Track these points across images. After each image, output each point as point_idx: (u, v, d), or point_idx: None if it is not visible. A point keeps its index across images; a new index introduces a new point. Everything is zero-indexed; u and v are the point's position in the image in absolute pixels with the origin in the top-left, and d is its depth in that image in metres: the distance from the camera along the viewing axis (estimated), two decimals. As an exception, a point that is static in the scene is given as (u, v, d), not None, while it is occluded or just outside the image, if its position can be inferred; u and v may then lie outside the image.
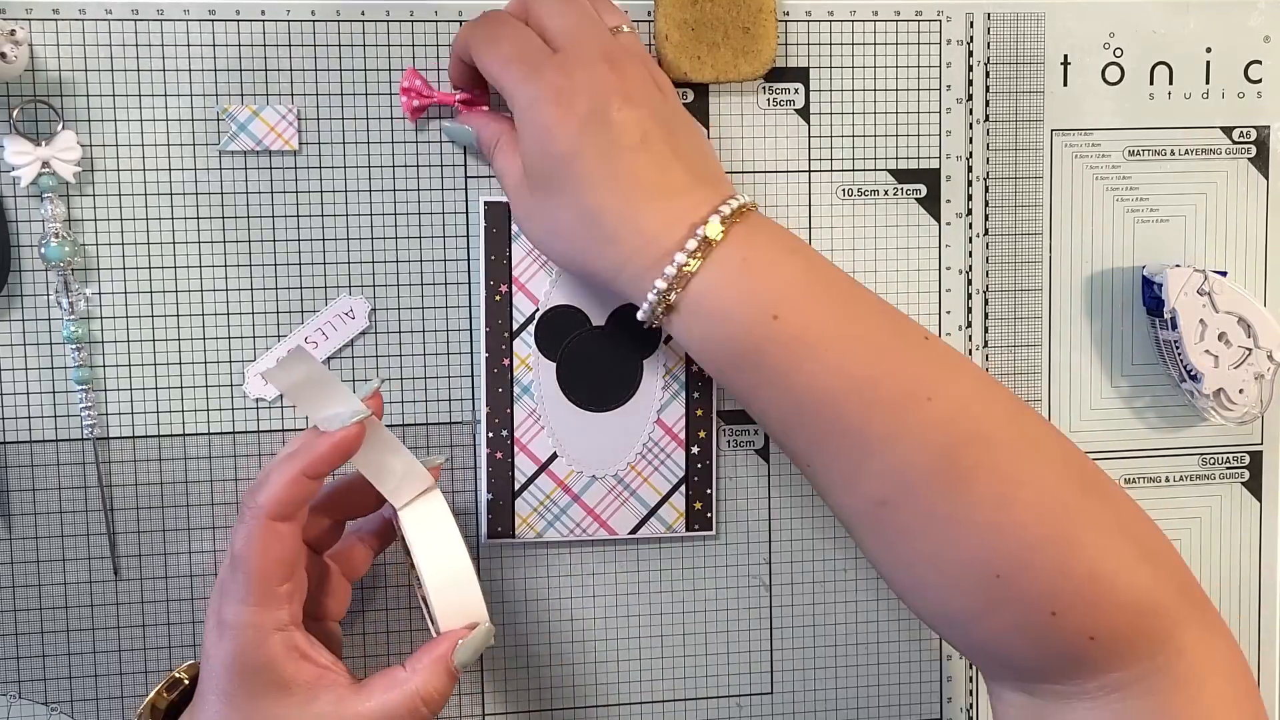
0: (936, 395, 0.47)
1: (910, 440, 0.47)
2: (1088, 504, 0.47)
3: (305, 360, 0.48)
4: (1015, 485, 0.46)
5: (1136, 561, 0.46)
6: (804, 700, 0.63)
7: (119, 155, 0.56)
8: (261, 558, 0.48)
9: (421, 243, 0.59)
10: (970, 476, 0.46)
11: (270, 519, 0.48)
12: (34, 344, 0.56)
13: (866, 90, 0.61)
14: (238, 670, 0.48)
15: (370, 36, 0.57)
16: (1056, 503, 0.46)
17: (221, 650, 0.48)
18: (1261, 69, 0.64)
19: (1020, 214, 0.63)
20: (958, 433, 0.47)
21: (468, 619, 0.51)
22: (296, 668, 0.48)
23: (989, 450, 0.47)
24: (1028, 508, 0.46)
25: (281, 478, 0.48)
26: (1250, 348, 0.62)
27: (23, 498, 0.57)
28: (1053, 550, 0.45)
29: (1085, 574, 0.45)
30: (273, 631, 0.48)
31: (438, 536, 0.51)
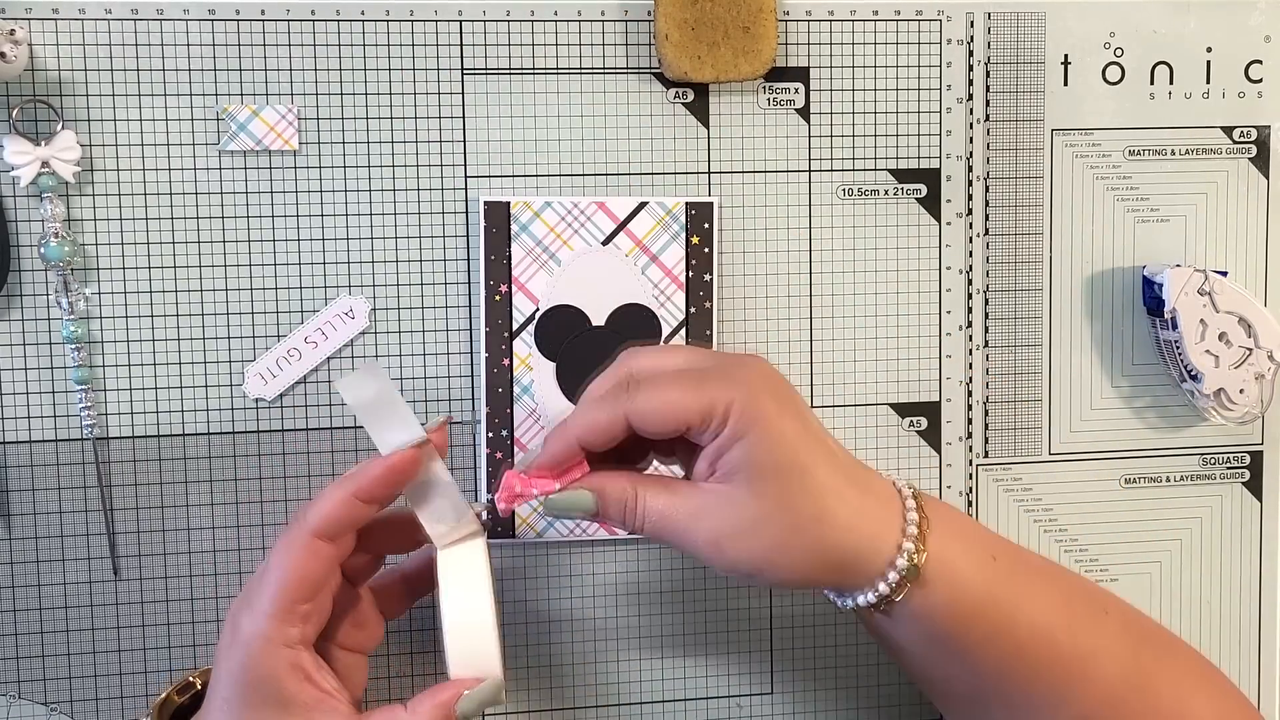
0: (1109, 606, 0.53)
1: (1105, 653, 0.51)
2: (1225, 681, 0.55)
3: (378, 377, 0.48)
4: (1186, 675, 0.53)
5: None
6: (804, 700, 0.63)
7: (119, 155, 0.56)
8: (292, 572, 0.47)
9: (421, 243, 0.59)
10: (1150, 675, 0.51)
11: (314, 535, 0.48)
12: (34, 344, 0.56)
13: (866, 90, 0.61)
14: (241, 680, 0.47)
15: (370, 36, 0.57)
16: (1214, 689, 0.53)
17: (231, 657, 0.48)
18: (1262, 69, 0.64)
19: (1020, 214, 0.63)
20: (1134, 636, 0.52)
21: (479, 671, 0.49)
22: (299, 688, 0.47)
23: (1153, 646, 0.52)
24: (1200, 695, 0.52)
25: (333, 497, 0.48)
26: (1251, 348, 0.62)
27: (23, 498, 0.57)
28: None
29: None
30: (281, 647, 0.47)
31: (468, 582, 0.50)
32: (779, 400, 0.48)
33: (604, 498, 0.49)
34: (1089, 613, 0.52)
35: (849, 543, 0.48)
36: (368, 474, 0.48)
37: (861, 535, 0.48)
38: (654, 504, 0.48)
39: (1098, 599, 0.53)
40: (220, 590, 0.58)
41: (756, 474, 0.47)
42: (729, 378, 0.48)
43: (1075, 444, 0.64)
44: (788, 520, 0.47)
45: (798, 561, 0.48)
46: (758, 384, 0.48)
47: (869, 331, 0.62)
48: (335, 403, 0.58)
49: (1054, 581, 0.52)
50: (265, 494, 0.58)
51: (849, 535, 0.48)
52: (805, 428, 0.48)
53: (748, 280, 0.61)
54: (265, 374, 0.58)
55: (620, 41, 0.59)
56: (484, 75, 0.58)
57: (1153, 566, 0.65)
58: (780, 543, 0.47)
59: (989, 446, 0.64)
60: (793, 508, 0.47)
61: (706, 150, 0.60)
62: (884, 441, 0.63)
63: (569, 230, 0.59)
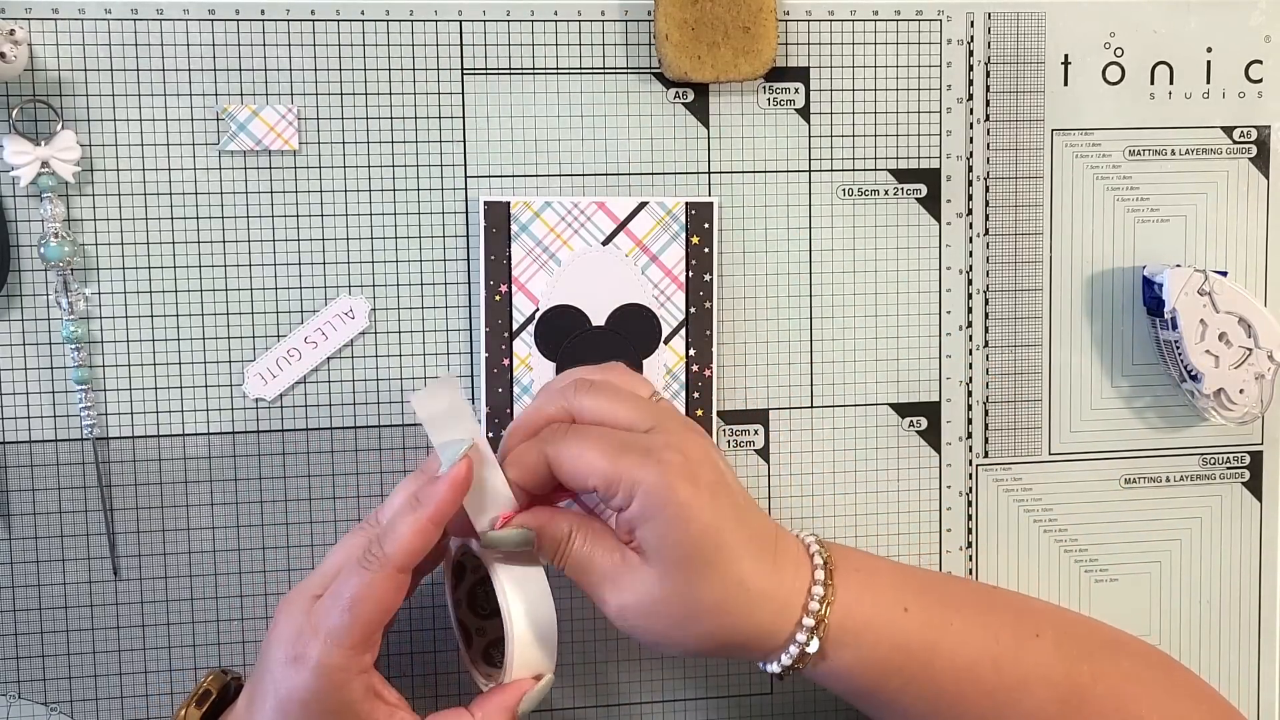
0: (1040, 628, 0.53)
1: (1036, 678, 0.51)
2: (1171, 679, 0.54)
3: (451, 389, 0.48)
4: (1129, 682, 0.52)
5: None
6: (804, 700, 0.63)
7: (118, 155, 0.56)
8: (377, 607, 0.47)
9: (421, 243, 0.59)
10: (1090, 691, 0.51)
11: (397, 569, 0.47)
12: (34, 344, 0.56)
13: (866, 90, 0.61)
14: (314, 707, 0.47)
15: (370, 36, 0.57)
16: (1159, 689, 0.53)
17: (298, 683, 0.47)
18: (1262, 69, 0.64)
19: (1020, 214, 0.63)
20: (1070, 654, 0.52)
21: (537, 669, 0.51)
22: (371, 707, 0.48)
23: (1096, 659, 0.52)
24: (1146, 699, 0.52)
25: (410, 528, 0.47)
26: (1250, 348, 0.62)
27: (23, 498, 0.57)
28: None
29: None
30: (357, 674, 0.47)
31: (531, 588, 0.50)
32: (694, 482, 0.48)
33: (541, 536, 0.50)
34: (1017, 641, 0.52)
35: (749, 626, 0.49)
36: (436, 498, 0.48)
37: (765, 614, 0.49)
38: (578, 555, 0.49)
39: (1028, 623, 0.53)
40: (220, 590, 0.58)
41: (661, 558, 0.48)
42: (648, 454, 0.48)
43: (1075, 444, 0.64)
44: (688, 608, 0.48)
45: (693, 642, 0.49)
46: (676, 465, 0.48)
47: (869, 331, 0.62)
48: (335, 403, 0.58)
49: (978, 616, 0.52)
50: (265, 494, 0.58)
51: (749, 620, 0.49)
52: (716, 510, 0.48)
53: (748, 280, 0.61)
54: (265, 374, 0.58)
55: (620, 41, 0.59)
56: (484, 75, 0.58)
57: (1153, 566, 0.65)
58: (678, 625, 0.48)
59: (989, 446, 0.64)
60: (694, 597, 0.48)
61: (706, 150, 0.60)
62: (884, 441, 0.63)
63: (569, 230, 0.59)
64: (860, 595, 0.50)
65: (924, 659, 0.50)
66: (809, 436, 0.62)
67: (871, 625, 0.50)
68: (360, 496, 0.59)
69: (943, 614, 0.51)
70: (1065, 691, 0.51)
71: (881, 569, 0.53)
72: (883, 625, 0.50)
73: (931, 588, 0.53)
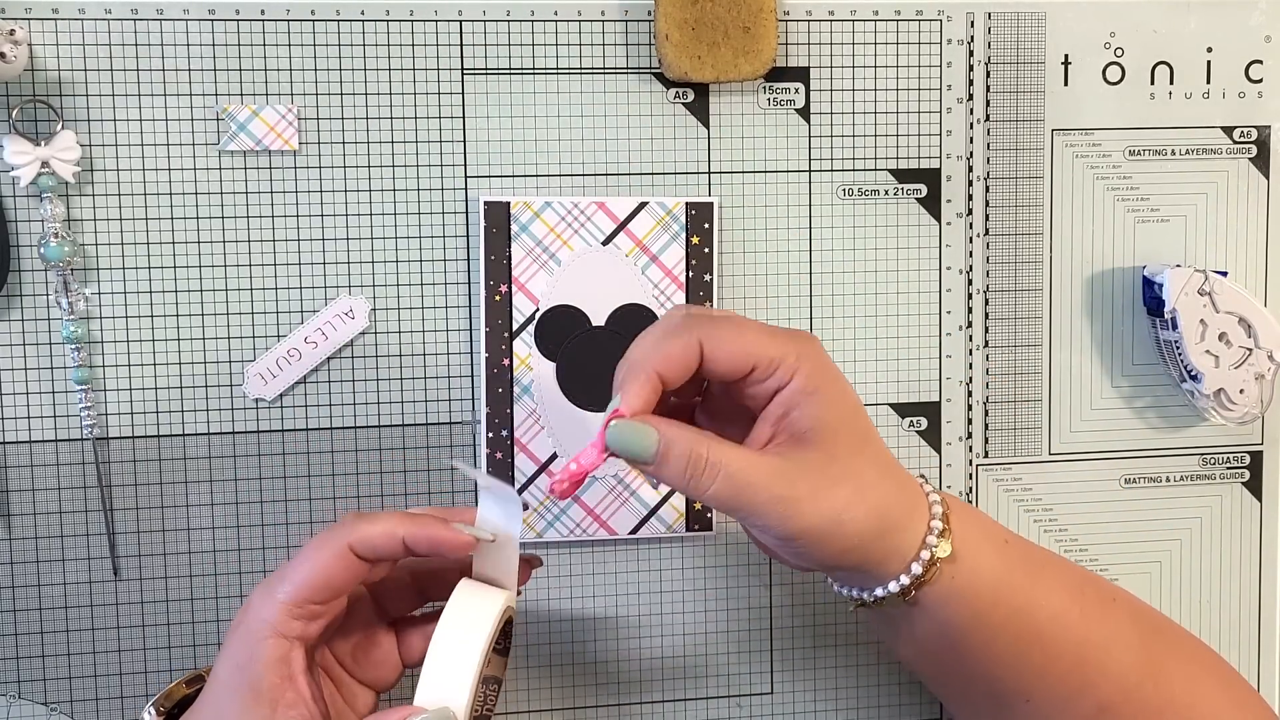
0: (1117, 596, 0.53)
1: (1118, 641, 0.51)
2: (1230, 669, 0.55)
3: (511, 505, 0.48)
4: (1194, 663, 0.53)
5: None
6: (804, 700, 0.63)
7: (118, 155, 0.56)
8: (316, 570, 0.46)
9: (421, 243, 0.59)
10: (1161, 664, 0.52)
11: (349, 546, 0.47)
12: (34, 344, 0.56)
13: (866, 90, 0.61)
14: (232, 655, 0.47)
15: (370, 36, 0.57)
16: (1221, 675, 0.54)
17: (233, 631, 0.47)
18: (1262, 69, 0.64)
19: (1020, 214, 0.63)
20: (1143, 626, 0.53)
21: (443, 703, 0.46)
22: (276, 681, 0.46)
23: (1163, 637, 0.53)
24: (1209, 682, 0.53)
25: (383, 523, 0.47)
26: (1250, 348, 0.62)
27: (23, 498, 0.57)
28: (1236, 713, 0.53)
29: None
30: (278, 636, 0.46)
31: (472, 620, 0.48)
32: (838, 372, 0.49)
33: (670, 446, 0.45)
34: (1099, 601, 0.52)
35: (896, 513, 0.48)
36: (425, 529, 0.47)
37: (903, 507, 0.49)
38: (729, 461, 0.46)
39: (1105, 589, 0.53)
40: (220, 590, 0.58)
41: (829, 433, 0.47)
42: (797, 339, 0.48)
43: (1075, 444, 0.64)
44: (855, 483, 0.47)
45: (862, 523, 0.47)
46: (823, 353, 0.48)
47: (869, 331, 0.62)
48: (335, 403, 0.58)
49: (1063, 570, 0.53)
50: (265, 494, 0.58)
51: (897, 506, 0.48)
52: (858, 402, 0.49)
53: (748, 280, 0.61)
54: (265, 374, 0.58)
55: (620, 41, 0.59)
56: (484, 75, 0.58)
57: (1153, 566, 0.65)
58: (851, 501, 0.47)
59: (989, 446, 0.64)
60: (859, 471, 0.47)
61: (706, 150, 0.60)
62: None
63: (569, 230, 0.59)
64: (966, 517, 0.51)
65: (1024, 594, 0.50)
66: (809, 436, 0.62)
67: (981, 549, 0.50)
68: (360, 496, 0.59)
69: (1035, 558, 0.52)
70: (1143, 660, 0.51)
71: (973, 507, 0.53)
72: (993, 552, 0.50)
73: (1017, 537, 0.53)
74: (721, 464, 0.45)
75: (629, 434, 0.45)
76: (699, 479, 0.45)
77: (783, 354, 0.47)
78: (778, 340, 0.47)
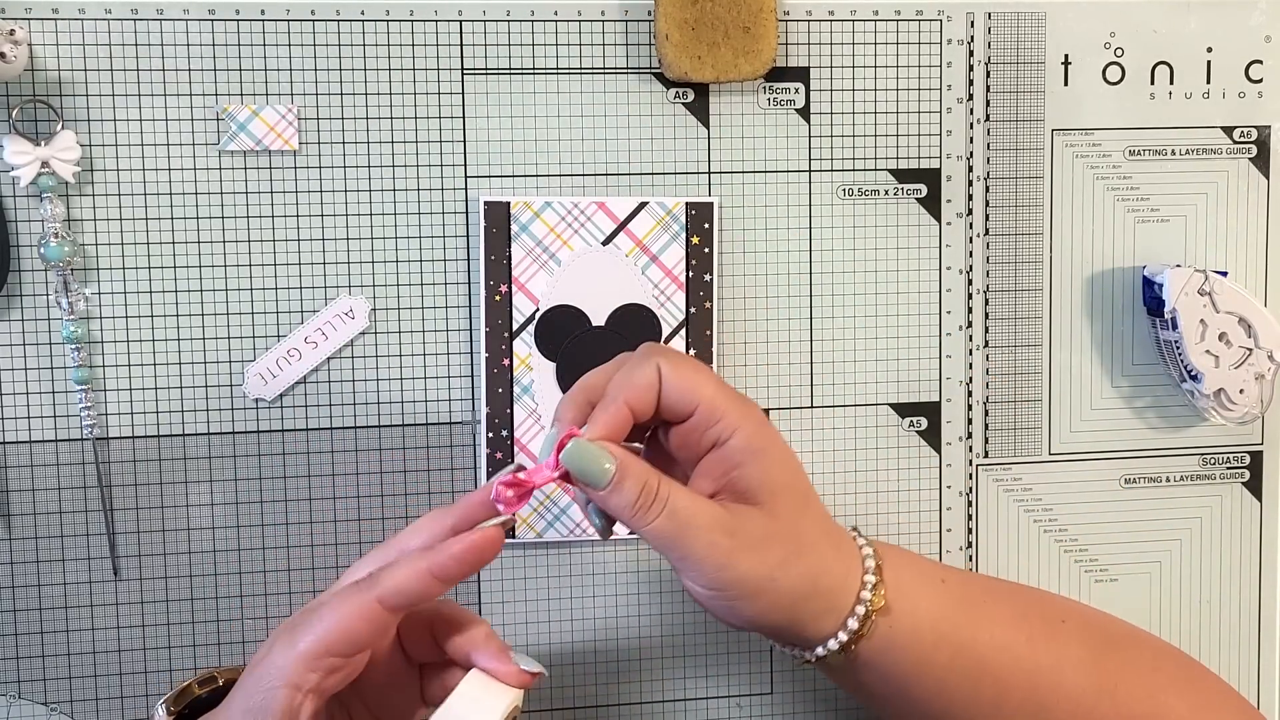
0: (1066, 615, 0.53)
1: (1069, 661, 0.51)
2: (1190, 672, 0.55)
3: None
4: (1155, 672, 0.53)
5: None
6: (804, 700, 0.63)
7: (119, 155, 0.56)
8: (338, 626, 0.45)
9: (421, 243, 0.59)
10: (1119, 680, 0.52)
11: (378, 600, 0.45)
12: (34, 344, 0.56)
13: (866, 90, 0.61)
14: (242, 700, 0.46)
15: (370, 36, 0.57)
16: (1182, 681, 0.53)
17: (250, 674, 0.46)
18: (1262, 69, 0.64)
19: (1020, 214, 0.63)
20: (1095, 641, 0.52)
21: None
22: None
23: (1119, 651, 0.53)
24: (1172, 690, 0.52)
25: (407, 570, 0.45)
26: (1251, 348, 0.62)
27: (23, 498, 0.57)
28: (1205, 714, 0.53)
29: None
30: (291, 688, 0.45)
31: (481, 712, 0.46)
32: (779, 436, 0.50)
33: (625, 473, 0.46)
34: (1045, 624, 0.52)
35: (834, 572, 0.49)
36: (447, 553, 0.45)
37: (840, 566, 0.49)
38: (680, 501, 0.46)
39: (1053, 610, 0.53)
40: (220, 590, 0.58)
41: (772, 493, 0.48)
42: (743, 400, 0.49)
43: (1075, 444, 0.64)
44: (794, 543, 0.48)
45: (795, 582, 0.48)
46: (764, 417, 0.49)
47: (869, 331, 0.62)
48: (335, 403, 0.58)
49: (1006, 598, 0.53)
50: (265, 494, 0.58)
51: (835, 566, 0.49)
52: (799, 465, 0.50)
53: (748, 280, 0.61)
54: (265, 374, 0.58)
55: (620, 41, 0.59)
56: (484, 75, 0.58)
57: (1153, 566, 0.65)
58: (786, 560, 0.48)
59: (989, 446, 0.64)
60: (799, 531, 0.48)
61: (706, 150, 0.60)
62: (884, 441, 0.63)
63: (569, 230, 0.59)
64: (900, 564, 0.51)
65: (967, 630, 0.51)
66: (809, 436, 0.62)
67: (917, 592, 0.50)
68: (360, 496, 0.59)
69: (974, 592, 0.52)
70: (1097, 678, 0.51)
71: (908, 551, 0.53)
72: (926, 593, 0.51)
73: (957, 572, 0.54)
74: (668, 499, 0.46)
75: (587, 455, 0.46)
76: (646, 511, 0.46)
77: (727, 408, 0.47)
78: (723, 392, 0.48)
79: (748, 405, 0.49)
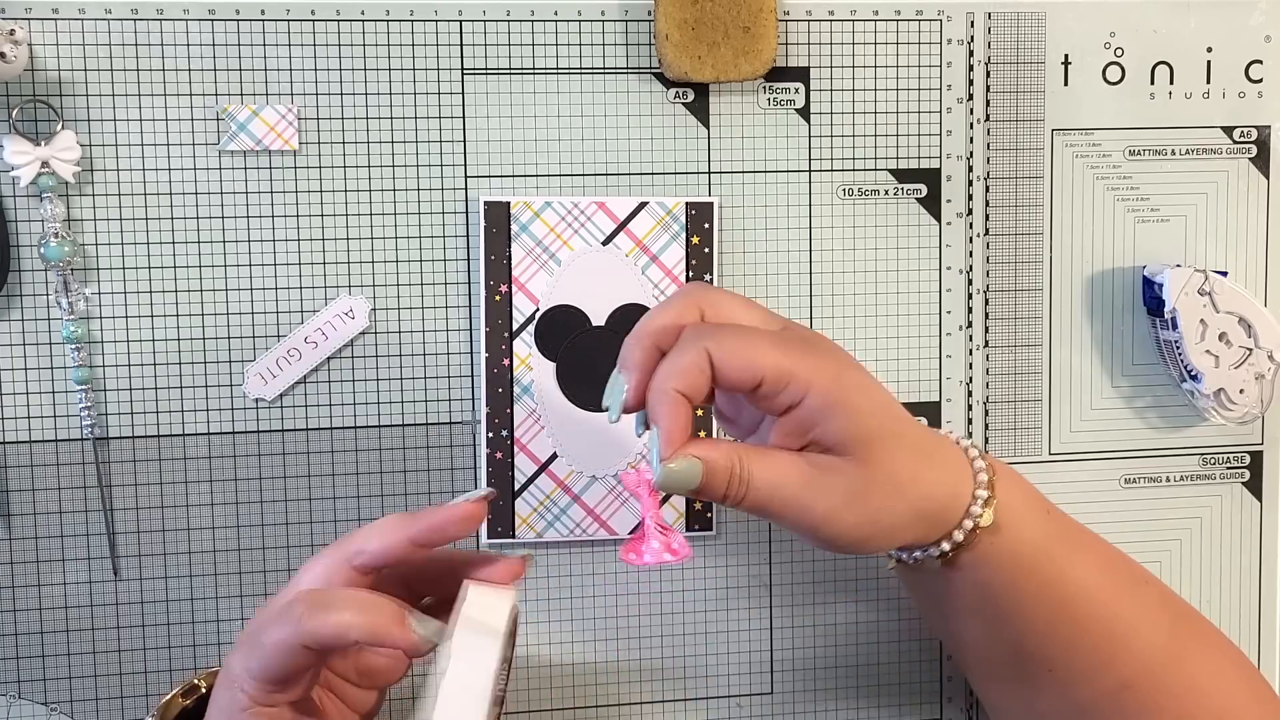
0: (1149, 580, 0.54)
1: (1146, 622, 0.52)
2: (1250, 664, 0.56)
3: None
4: (1218, 653, 0.54)
5: None
6: (804, 700, 0.63)
7: (119, 155, 0.56)
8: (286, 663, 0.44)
9: (421, 243, 0.59)
10: (1187, 650, 0.52)
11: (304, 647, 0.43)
12: (34, 344, 0.56)
13: (866, 90, 0.61)
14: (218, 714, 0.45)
15: (370, 36, 0.57)
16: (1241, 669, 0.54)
17: (218, 693, 0.45)
18: (1262, 69, 0.64)
19: (1020, 214, 0.63)
20: (1171, 611, 0.53)
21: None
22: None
23: (1190, 624, 0.53)
24: (1231, 674, 0.53)
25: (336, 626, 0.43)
26: (1251, 348, 0.62)
27: (23, 498, 0.57)
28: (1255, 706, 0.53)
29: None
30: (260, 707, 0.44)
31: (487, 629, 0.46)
32: (858, 374, 0.48)
33: (710, 468, 0.46)
34: (1130, 582, 0.53)
35: (938, 495, 0.49)
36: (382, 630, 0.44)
37: (945, 488, 0.49)
38: (762, 474, 0.46)
39: (1139, 571, 0.54)
40: (220, 590, 0.58)
41: (858, 444, 0.46)
42: (809, 351, 0.47)
43: (1075, 444, 0.64)
44: (891, 485, 0.47)
45: (901, 521, 0.48)
46: (837, 360, 0.47)
47: (869, 331, 0.62)
48: (335, 403, 0.58)
49: (1100, 548, 0.53)
50: (265, 494, 0.58)
51: (937, 489, 0.49)
52: (885, 397, 0.48)
53: (748, 280, 0.61)
54: (265, 374, 0.58)
55: (620, 41, 0.59)
56: (484, 75, 0.58)
57: (1153, 566, 0.65)
58: (887, 506, 0.47)
59: (989, 446, 0.64)
60: (894, 472, 0.47)
61: (706, 150, 0.60)
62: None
63: (569, 230, 0.59)
64: (1011, 487, 0.51)
65: (1060, 564, 0.51)
66: (809, 436, 0.62)
67: (1023, 518, 0.50)
68: (360, 497, 0.59)
69: (1074, 531, 0.53)
70: (1170, 644, 0.52)
71: (1019, 475, 0.53)
72: (1034, 521, 0.51)
73: (1058, 510, 0.53)
74: (754, 476, 0.46)
75: (678, 476, 0.46)
76: (737, 490, 0.46)
77: (792, 369, 0.45)
78: (788, 353, 0.46)
79: (817, 358, 0.46)
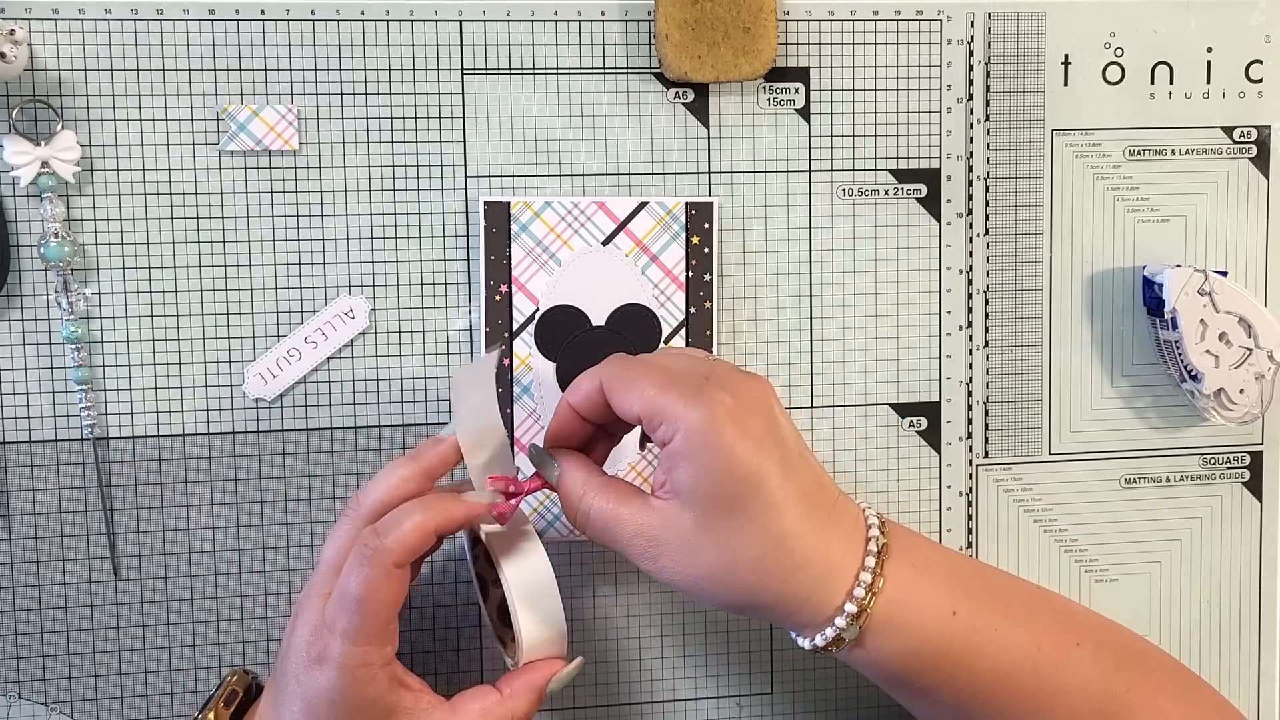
0: (1081, 636, 0.51)
1: (1075, 688, 0.50)
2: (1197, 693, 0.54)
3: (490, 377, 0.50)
4: (1161, 692, 0.51)
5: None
6: (804, 700, 0.63)
7: (118, 155, 0.56)
8: (382, 603, 0.47)
9: (421, 243, 0.59)
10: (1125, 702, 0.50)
11: (395, 565, 0.47)
12: (34, 344, 0.56)
13: (866, 90, 0.61)
14: (343, 705, 0.47)
15: (370, 36, 0.57)
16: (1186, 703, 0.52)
17: (323, 683, 0.47)
18: (1262, 69, 0.64)
19: (1020, 214, 0.63)
20: (1107, 664, 0.51)
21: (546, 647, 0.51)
22: (398, 697, 0.48)
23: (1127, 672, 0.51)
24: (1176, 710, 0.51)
25: (413, 528, 0.47)
26: (1251, 348, 0.62)
27: (23, 498, 0.57)
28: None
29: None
30: (381, 667, 0.47)
31: (531, 566, 0.50)
32: (741, 426, 0.46)
33: (562, 483, 0.50)
34: (1059, 650, 0.50)
35: (787, 591, 0.47)
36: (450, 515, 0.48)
37: (805, 582, 0.47)
38: (598, 508, 0.49)
39: (1071, 631, 0.52)
40: (220, 590, 0.58)
41: (698, 500, 0.47)
42: (698, 391, 0.47)
43: (1075, 444, 0.64)
44: (724, 558, 0.47)
45: (728, 596, 0.48)
46: (724, 406, 0.46)
47: (869, 331, 0.62)
48: (335, 403, 0.58)
49: (1025, 620, 0.51)
50: (265, 494, 0.58)
51: (787, 585, 0.47)
52: (761, 458, 0.47)
53: (748, 280, 0.61)
54: (265, 374, 0.58)
55: (620, 41, 0.59)
56: (484, 75, 0.58)
57: (1153, 566, 0.65)
58: (713, 576, 0.47)
59: (989, 446, 0.64)
60: (729, 546, 0.47)
61: (706, 150, 0.60)
62: (884, 441, 0.63)
63: (569, 230, 0.59)
64: (910, 591, 0.49)
65: (967, 662, 0.49)
66: (809, 436, 0.62)
67: (917, 625, 0.49)
68: (360, 496, 0.59)
69: (990, 618, 0.50)
70: (1101, 702, 0.50)
71: (937, 564, 0.50)
72: (929, 626, 0.49)
73: (981, 586, 0.51)
74: (590, 509, 0.49)
75: (538, 458, 0.51)
76: (574, 518, 0.50)
77: (670, 412, 0.46)
78: (670, 395, 0.47)
79: (699, 404, 0.46)
